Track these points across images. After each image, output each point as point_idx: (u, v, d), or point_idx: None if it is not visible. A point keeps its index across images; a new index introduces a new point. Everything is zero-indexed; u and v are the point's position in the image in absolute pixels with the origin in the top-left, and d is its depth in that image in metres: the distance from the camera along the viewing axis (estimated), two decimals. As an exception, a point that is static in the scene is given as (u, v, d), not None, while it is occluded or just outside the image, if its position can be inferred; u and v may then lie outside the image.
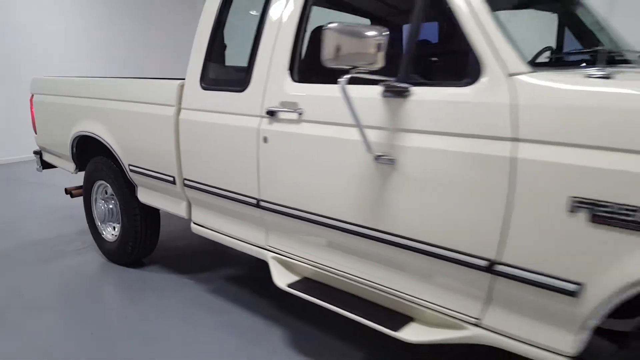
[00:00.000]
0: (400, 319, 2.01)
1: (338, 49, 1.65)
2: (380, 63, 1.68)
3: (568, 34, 2.58)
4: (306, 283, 2.34)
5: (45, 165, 4.54)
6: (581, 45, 2.61)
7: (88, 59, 8.81)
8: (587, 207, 1.41)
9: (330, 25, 1.64)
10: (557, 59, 2.36)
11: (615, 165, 1.36)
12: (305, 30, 2.23)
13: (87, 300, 3.13)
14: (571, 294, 1.48)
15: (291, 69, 2.22)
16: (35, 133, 4.38)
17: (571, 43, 2.75)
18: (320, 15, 2.46)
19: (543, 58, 2.46)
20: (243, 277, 3.48)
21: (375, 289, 2.07)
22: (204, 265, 3.70)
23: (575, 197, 1.43)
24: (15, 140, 7.88)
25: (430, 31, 1.81)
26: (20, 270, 3.62)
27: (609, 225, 1.38)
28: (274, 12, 2.32)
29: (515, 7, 2.29)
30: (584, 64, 2.03)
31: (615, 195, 1.36)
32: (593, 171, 1.39)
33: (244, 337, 2.67)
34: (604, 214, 1.39)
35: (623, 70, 1.77)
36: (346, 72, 1.68)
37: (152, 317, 2.90)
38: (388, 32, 1.66)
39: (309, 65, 2.42)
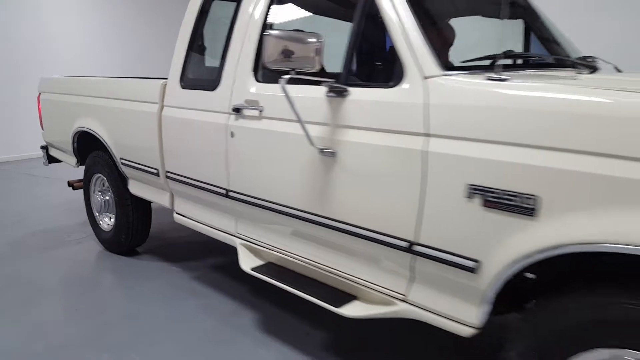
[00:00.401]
0: (345, 298, 2.23)
1: (282, 53, 1.88)
2: (318, 66, 1.91)
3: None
4: (269, 267, 2.57)
5: (51, 159, 4.84)
6: (545, 49, 2.81)
7: (103, 59, 9.17)
8: (480, 193, 1.63)
9: (271, 32, 1.88)
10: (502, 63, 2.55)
11: (500, 156, 1.57)
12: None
13: (83, 283, 3.41)
14: (471, 270, 1.69)
15: (255, 70, 2.46)
16: (42, 129, 4.68)
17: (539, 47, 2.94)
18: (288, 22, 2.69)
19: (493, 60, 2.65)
20: (226, 265, 3.73)
21: (325, 271, 2.30)
22: (192, 254, 3.95)
23: (471, 185, 1.65)
24: (31, 137, 8.23)
25: (370, 37, 2.03)
26: (25, 256, 3.92)
27: (497, 209, 1.60)
28: (241, 19, 2.57)
29: (460, 14, 2.49)
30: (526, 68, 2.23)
31: (501, 182, 1.57)
32: (484, 162, 1.60)
33: (218, 318, 2.91)
34: (492, 199, 1.60)
35: (536, 73, 1.97)
36: (288, 72, 1.91)
37: (139, 299, 3.16)
38: (323, 39, 1.89)
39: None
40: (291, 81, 2.06)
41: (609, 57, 2.78)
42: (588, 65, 2.40)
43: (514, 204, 1.55)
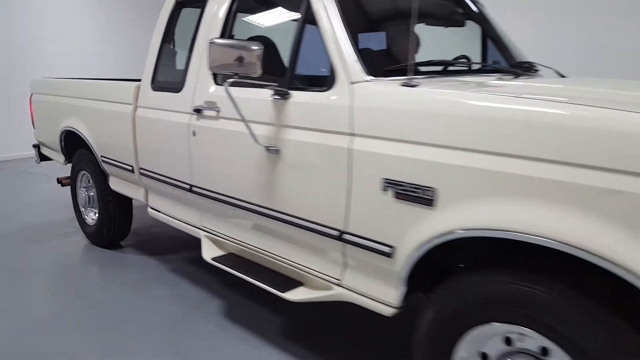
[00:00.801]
0: (293, 284, 2.43)
1: (225, 59, 2.09)
2: (260, 71, 2.11)
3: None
4: (228, 257, 2.78)
5: (43, 157, 5.07)
6: (501, 54, 3.00)
7: (99, 60, 9.41)
8: (392, 187, 1.83)
9: (215, 40, 2.09)
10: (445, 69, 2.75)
11: (406, 153, 1.77)
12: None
13: (64, 272, 3.64)
14: (388, 255, 1.89)
15: (215, 73, 2.67)
16: (34, 128, 4.91)
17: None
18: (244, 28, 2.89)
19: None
20: (200, 258, 3.92)
21: (276, 259, 2.50)
22: (171, 248, 4.17)
23: (385, 179, 1.85)
24: (30, 137, 8.45)
25: (310, 45, 2.23)
26: (12, 247, 4.15)
27: (405, 200, 1.79)
28: (203, 25, 2.78)
29: (400, 23, 2.69)
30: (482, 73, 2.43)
31: (407, 176, 1.77)
32: (395, 158, 1.80)
33: (185, 305, 3.12)
34: (402, 192, 1.80)
35: (450, 80, 2.16)
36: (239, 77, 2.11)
37: (114, 287, 3.38)
38: (264, 47, 2.09)
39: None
40: (243, 85, 2.26)
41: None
42: (526, 70, 2.59)
43: (417, 196, 1.75)
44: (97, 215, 4.12)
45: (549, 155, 1.44)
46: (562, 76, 2.89)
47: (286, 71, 2.27)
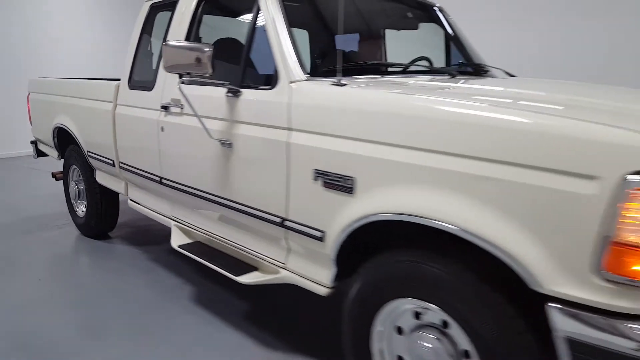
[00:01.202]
0: (247, 269, 2.62)
1: (177, 59, 2.28)
2: (210, 70, 2.30)
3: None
4: (194, 245, 2.97)
5: (40, 153, 5.31)
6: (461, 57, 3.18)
7: (102, 60, 9.69)
8: (321, 176, 2.01)
9: (168, 42, 2.28)
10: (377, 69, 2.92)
11: (331, 146, 1.95)
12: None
13: (52, 259, 3.88)
14: (319, 239, 2.07)
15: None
16: (31, 125, 5.15)
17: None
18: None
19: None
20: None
21: (235, 247, 2.69)
22: (154, 239, 4.38)
23: (315, 169, 2.03)
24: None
25: (260, 47, 2.42)
26: (11, 238, 4.40)
27: (331, 188, 1.98)
28: (172, 28, 2.98)
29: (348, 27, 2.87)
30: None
31: (332, 167, 1.95)
32: (323, 151, 1.98)
33: (159, 290, 3.32)
34: (328, 181, 1.98)
35: (379, 80, 2.34)
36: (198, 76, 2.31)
37: (96, 273, 3.61)
38: (213, 47, 2.28)
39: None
40: (203, 83, 2.45)
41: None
42: (475, 71, 2.77)
43: (340, 184, 1.93)
44: (86, 207, 4.34)
45: (444, 148, 1.61)
46: (511, 75, 3.05)
47: (243, 70, 2.45)
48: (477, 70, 2.90)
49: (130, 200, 3.65)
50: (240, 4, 2.60)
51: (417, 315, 1.83)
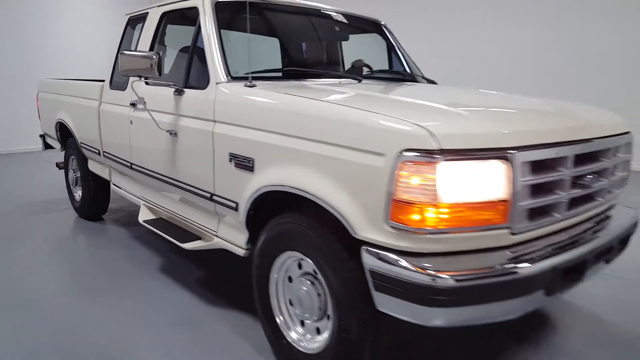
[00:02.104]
0: (193, 238, 3.17)
1: (130, 65, 2.86)
2: (157, 74, 2.86)
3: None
4: (157, 221, 3.55)
5: (47, 146, 5.98)
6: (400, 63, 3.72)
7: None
8: (234, 158, 2.56)
9: (123, 51, 2.86)
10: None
11: (239, 134, 2.49)
12: (158, 48, 3.45)
13: (48, 236, 4.51)
14: (235, 209, 2.62)
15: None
16: (40, 121, 5.82)
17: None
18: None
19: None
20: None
21: (185, 220, 3.25)
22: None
23: (230, 153, 2.58)
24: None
25: (200, 55, 2.98)
26: (17, 219, 5.06)
27: (240, 168, 2.52)
28: (142, 37, 3.57)
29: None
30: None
31: (239, 151, 2.51)
32: (234, 138, 2.52)
33: (134, 263, 3.89)
34: (238, 162, 2.53)
35: (290, 84, 2.87)
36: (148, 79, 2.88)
37: (87, 250, 4.24)
38: (159, 55, 2.85)
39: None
40: (158, 84, 3.02)
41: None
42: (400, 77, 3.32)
43: (245, 164, 2.47)
44: (81, 193, 4.98)
45: (310, 134, 2.12)
46: (433, 83, 3.58)
47: (187, 74, 3.02)
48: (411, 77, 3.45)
49: (113, 184, 4.25)
50: (189, 21, 3.16)
51: (300, 266, 2.36)
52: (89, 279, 3.58)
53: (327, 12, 3.49)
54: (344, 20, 3.63)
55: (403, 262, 1.77)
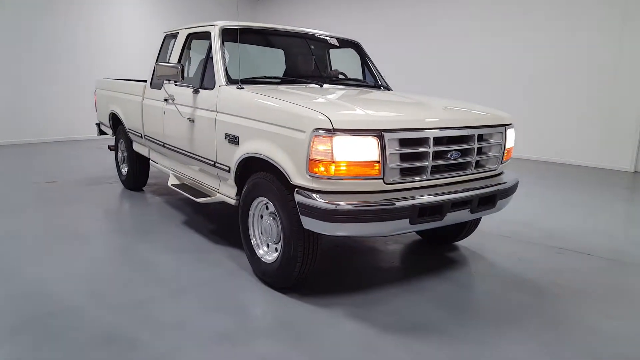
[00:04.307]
0: (202, 195, 4.45)
1: (165, 72, 4.18)
2: (181, 79, 4.17)
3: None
4: (180, 185, 4.83)
5: (101, 132, 7.42)
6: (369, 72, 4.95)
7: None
8: (227, 137, 3.83)
9: (159, 62, 4.19)
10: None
11: (232, 120, 3.77)
12: (185, 58, 4.77)
13: (97, 200, 5.87)
14: (228, 171, 3.88)
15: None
16: (96, 112, 7.27)
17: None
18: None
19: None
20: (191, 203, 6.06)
21: (198, 183, 4.53)
22: (170, 192, 6.30)
23: (226, 133, 3.85)
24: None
25: (210, 64, 4.27)
26: (73, 189, 6.47)
27: (231, 142, 3.79)
28: (174, 48, 4.89)
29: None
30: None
31: (232, 131, 3.78)
32: (229, 123, 3.76)
33: (161, 221, 5.21)
34: (229, 139, 3.79)
35: (273, 87, 4.14)
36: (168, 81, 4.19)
37: (127, 211, 5.57)
38: (182, 65, 4.15)
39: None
40: (183, 85, 4.33)
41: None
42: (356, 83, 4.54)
43: (234, 140, 3.73)
44: (127, 169, 6.37)
45: (267, 120, 3.33)
46: (389, 89, 4.78)
47: (202, 78, 4.32)
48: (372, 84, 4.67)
49: (151, 160, 5.61)
50: (206, 38, 4.45)
51: (267, 207, 3.61)
52: (130, 225, 4.92)
53: (302, 33, 4.75)
54: (322, 39, 4.87)
55: (317, 197, 2.98)
